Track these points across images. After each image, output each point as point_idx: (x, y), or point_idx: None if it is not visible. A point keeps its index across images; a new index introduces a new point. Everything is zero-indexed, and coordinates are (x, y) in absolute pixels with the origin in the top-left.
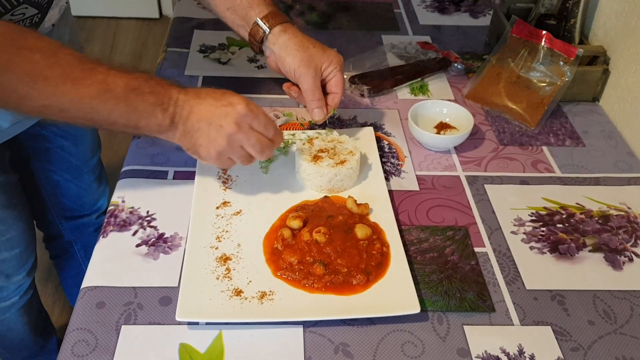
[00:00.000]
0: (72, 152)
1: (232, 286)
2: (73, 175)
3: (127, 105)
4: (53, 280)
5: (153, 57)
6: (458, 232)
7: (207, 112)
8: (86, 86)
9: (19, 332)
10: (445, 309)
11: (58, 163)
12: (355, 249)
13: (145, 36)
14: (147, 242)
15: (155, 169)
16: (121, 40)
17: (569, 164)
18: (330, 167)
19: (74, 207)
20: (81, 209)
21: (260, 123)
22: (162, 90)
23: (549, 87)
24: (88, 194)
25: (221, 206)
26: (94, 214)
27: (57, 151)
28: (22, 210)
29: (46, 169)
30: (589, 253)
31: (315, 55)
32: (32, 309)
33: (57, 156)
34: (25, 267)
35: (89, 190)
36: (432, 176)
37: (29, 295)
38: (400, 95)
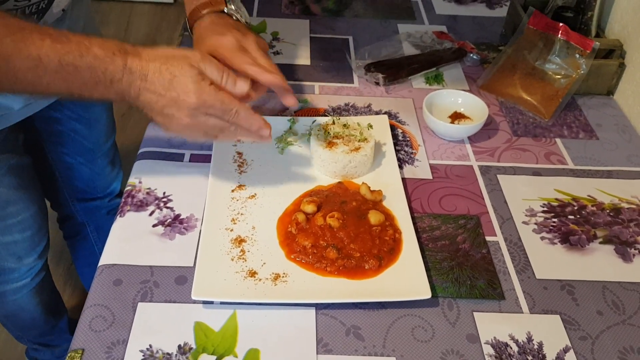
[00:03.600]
0: (85, 135)
1: (246, 267)
2: (86, 158)
3: (65, 81)
4: (65, 261)
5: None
6: (470, 221)
7: (156, 99)
8: (19, 60)
9: (31, 312)
10: (455, 296)
11: (71, 146)
12: (368, 234)
13: (159, 20)
14: (163, 223)
15: (171, 152)
16: (135, 24)
17: (581, 157)
18: (345, 154)
19: (86, 189)
20: (94, 191)
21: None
22: (101, 66)
23: (564, 79)
24: (101, 178)
25: (236, 189)
26: (107, 197)
27: (71, 134)
28: (35, 193)
29: (59, 151)
30: (599, 245)
31: (235, 35)
32: (44, 290)
33: (70, 139)
34: (37, 249)
35: (102, 173)
36: (446, 165)
37: (41, 277)
38: (415, 85)
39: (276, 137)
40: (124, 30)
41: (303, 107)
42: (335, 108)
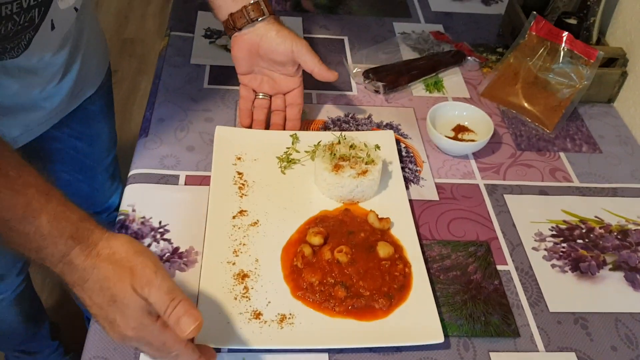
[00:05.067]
0: (86, 153)
1: (250, 308)
2: (86, 175)
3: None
4: None
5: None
6: (480, 248)
7: (90, 304)
8: None
9: (11, 322)
10: (470, 334)
11: (71, 164)
12: (378, 270)
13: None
14: (161, 258)
15: (165, 173)
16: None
17: (586, 173)
18: (352, 178)
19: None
20: (92, 207)
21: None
22: (38, 241)
23: (567, 89)
24: (100, 193)
25: (237, 215)
26: (105, 212)
27: (71, 152)
28: None
29: (57, 169)
30: (609, 272)
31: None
32: (24, 300)
33: (69, 157)
34: (17, 265)
35: (101, 189)
36: (452, 184)
37: (21, 288)
38: (415, 92)
39: (277, 155)
40: (94, 2)
41: (302, 119)
42: (335, 120)
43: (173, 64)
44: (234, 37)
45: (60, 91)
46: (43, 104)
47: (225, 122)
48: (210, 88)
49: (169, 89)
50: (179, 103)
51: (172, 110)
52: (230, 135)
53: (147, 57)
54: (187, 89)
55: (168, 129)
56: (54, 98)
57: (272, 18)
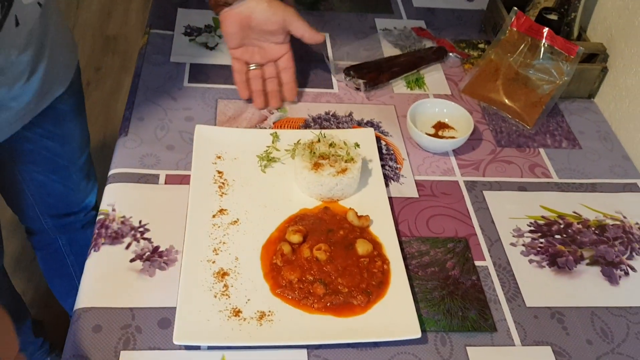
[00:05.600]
0: (58, 152)
1: (230, 305)
2: (60, 175)
3: None
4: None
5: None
6: (458, 244)
7: None
8: None
9: None
10: (447, 329)
11: (43, 164)
12: (356, 267)
13: None
14: (141, 257)
15: (145, 172)
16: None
17: (565, 168)
18: (332, 177)
19: (60, 205)
20: (68, 207)
21: None
22: None
23: (547, 85)
24: (75, 193)
25: (217, 214)
26: (82, 212)
27: (42, 152)
28: None
29: (30, 169)
30: (586, 267)
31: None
32: (1, 297)
33: (42, 157)
34: None
35: (76, 189)
36: (431, 181)
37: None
38: (397, 89)
39: (258, 153)
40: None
41: (282, 117)
42: (316, 118)
43: (153, 62)
44: (224, 13)
45: (28, 90)
46: (11, 104)
47: (205, 121)
48: (190, 86)
49: (148, 87)
50: (158, 102)
51: (152, 109)
52: (210, 134)
53: (130, 53)
54: (167, 88)
55: (148, 128)
56: (22, 98)
57: None
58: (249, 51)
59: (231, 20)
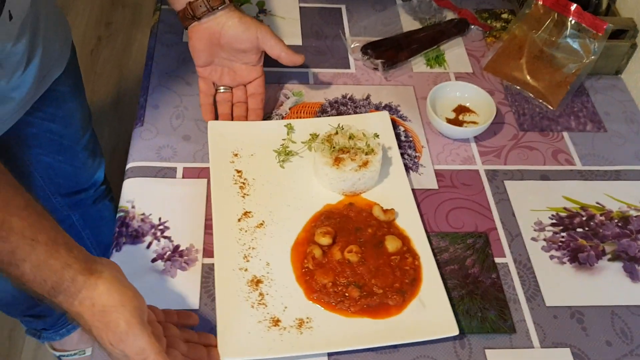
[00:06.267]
0: (62, 134)
1: (268, 315)
2: (66, 156)
3: None
4: None
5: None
6: (478, 240)
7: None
8: None
9: (11, 291)
10: (466, 331)
11: (48, 146)
12: (388, 266)
13: None
14: (162, 257)
15: (162, 166)
16: None
17: (589, 154)
18: (354, 172)
19: (69, 184)
20: (78, 185)
21: None
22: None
23: (573, 64)
24: (83, 171)
25: (242, 217)
26: (92, 188)
27: (47, 135)
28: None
29: (36, 152)
30: (608, 262)
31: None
32: None
33: (46, 140)
34: None
35: (83, 167)
36: (451, 171)
37: None
38: (416, 68)
39: (274, 148)
40: None
41: (298, 101)
42: (333, 102)
43: (165, 42)
44: (192, 28)
45: (27, 79)
46: (12, 95)
47: None
48: None
49: (162, 71)
50: (173, 88)
51: (167, 96)
52: (224, 130)
53: (140, 6)
54: (181, 71)
55: (163, 117)
56: (22, 87)
57: (232, 6)
58: (218, 71)
59: (199, 35)
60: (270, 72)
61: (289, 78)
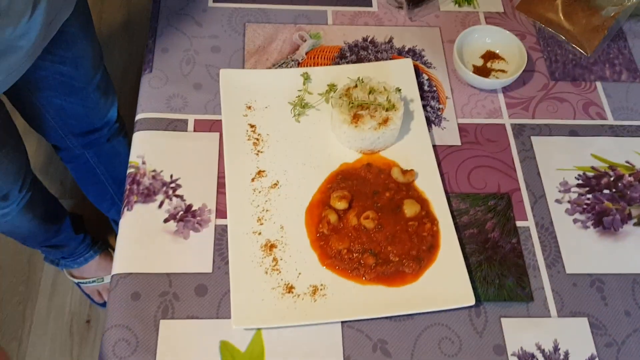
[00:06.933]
0: (73, 75)
1: (282, 281)
2: (78, 97)
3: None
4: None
5: None
6: (500, 202)
7: None
8: None
9: (27, 227)
10: (483, 298)
11: (60, 89)
12: (406, 233)
13: None
14: (175, 217)
15: (173, 117)
16: None
17: (622, 107)
18: (373, 130)
19: (82, 125)
20: (91, 125)
21: None
22: None
23: (613, 7)
24: (95, 112)
25: (256, 177)
26: (105, 128)
27: (57, 77)
28: (9, 137)
29: (47, 95)
30: (633, 227)
31: None
32: (34, 207)
33: (57, 82)
34: (18, 184)
35: (96, 107)
36: (476, 125)
37: (26, 200)
38: (443, 6)
39: (289, 100)
40: None
41: (315, 45)
42: (352, 45)
43: None
44: None
45: (34, 25)
46: (20, 43)
47: (233, 51)
48: (215, 7)
49: (170, 9)
50: (182, 28)
51: (176, 38)
52: (237, 78)
53: None
54: (191, 9)
55: (172, 62)
56: (29, 34)
57: None
58: None
59: None
60: (285, 11)
61: (306, 18)
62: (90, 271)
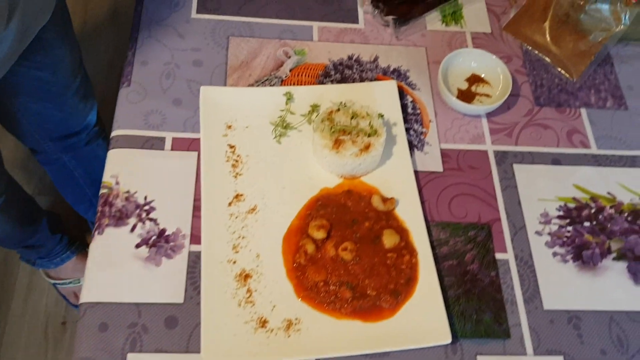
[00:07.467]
0: (50, 81)
1: (255, 315)
2: (55, 102)
3: None
4: None
5: None
6: (481, 232)
7: None
8: None
9: (1, 229)
10: (460, 334)
11: (36, 94)
12: (384, 265)
13: None
14: (147, 242)
15: (150, 135)
16: None
17: (606, 136)
18: (354, 157)
19: (60, 129)
20: (68, 129)
21: None
22: None
23: (600, 32)
24: (73, 116)
25: (234, 201)
26: (84, 132)
27: (34, 83)
28: None
29: (24, 101)
30: (612, 262)
31: None
32: (10, 208)
33: (34, 87)
34: None
35: (74, 112)
36: (458, 151)
37: (1, 201)
38: (430, 25)
39: (271, 120)
40: None
41: (300, 61)
42: (337, 63)
43: None
44: None
45: (8, 36)
46: None
47: (215, 65)
48: (199, 18)
49: (152, 20)
50: (164, 40)
51: (157, 50)
52: (218, 96)
53: None
54: (173, 20)
55: (152, 76)
56: (3, 44)
57: None
58: None
59: None
60: (271, 25)
61: (291, 33)
62: (67, 272)
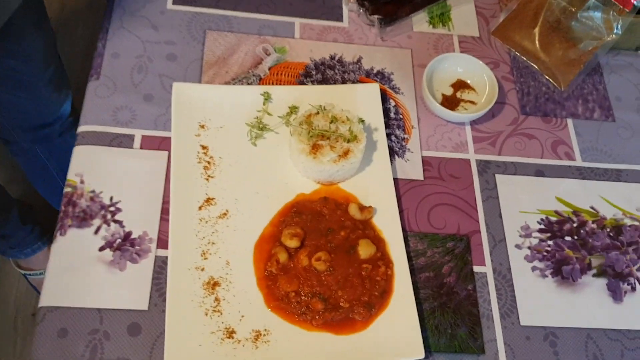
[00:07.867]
0: (22, 70)
1: (222, 325)
2: (27, 92)
3: None
4: None
5: None
6: (459, 244)
7: None
8: None
9: None
10: (433, 349)
11: (7, 83)
12: (358, 276)
13: None
14: (111, 245)
15: (118, 132)
16: None
17: (591, 148)
18: (332, 163)
19: (32, 119)
20: (41, 120)
21: None
22: None
23: (591, 41)
24: (46, 107)
25: (204, 205)
26: (57, 123)
27: (5, 71)
28: None
29: None
30: (592, 278)
31: None
32: None
33: (4, 76)
34: None
35: (47, 103)
36: (440, 159)
37: None
38: (417, 26)
39: (247, 121)
40: None
41: (279, 60)
42: (319, 63)
43: None
44: None
45: None
46: None
47: (190, 61)
48: (174, 10)
49: (125, 9)
50: (136, 31)
51: (129, 42)
52: (191, 94)
53: None
54: (148, 11)
55: (123, 69)
56: None
57: None
58: None
59: None
60: (250, 20)
61: (271, 29)
62: (38, 263)
